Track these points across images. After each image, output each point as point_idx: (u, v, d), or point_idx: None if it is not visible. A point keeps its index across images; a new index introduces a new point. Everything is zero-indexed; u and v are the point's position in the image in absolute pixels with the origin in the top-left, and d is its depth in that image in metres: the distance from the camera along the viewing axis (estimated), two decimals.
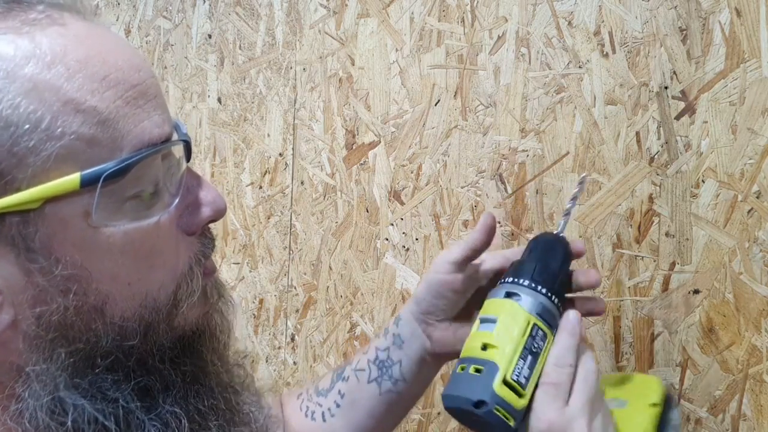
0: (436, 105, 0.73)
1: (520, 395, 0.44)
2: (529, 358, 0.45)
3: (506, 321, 0.46)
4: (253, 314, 0.92)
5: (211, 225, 0.41)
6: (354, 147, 0.80)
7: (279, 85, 0.86)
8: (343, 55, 0.80)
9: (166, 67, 0.96)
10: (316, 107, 0.83)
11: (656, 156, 0.61)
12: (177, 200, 0.37)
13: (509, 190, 0.69)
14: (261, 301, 0.91)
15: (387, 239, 0.78)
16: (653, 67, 0.61)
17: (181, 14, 0.94)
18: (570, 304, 0.51)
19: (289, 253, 0.87)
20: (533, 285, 0.48)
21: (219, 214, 0.39)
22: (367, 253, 0.80)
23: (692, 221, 0.60)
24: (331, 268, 0.84)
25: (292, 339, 0.88)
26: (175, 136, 0.38)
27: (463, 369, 0.46)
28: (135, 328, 0.36)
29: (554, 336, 0.47)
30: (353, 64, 0.79)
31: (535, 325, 0.46)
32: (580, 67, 0.65)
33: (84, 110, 0.33)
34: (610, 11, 0.63)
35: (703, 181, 0.59)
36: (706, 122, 0.59)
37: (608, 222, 0.64)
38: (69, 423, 0.34)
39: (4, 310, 0.34)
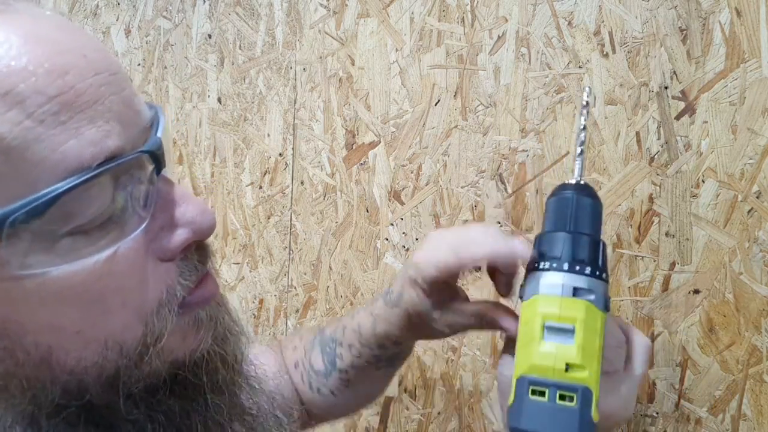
0: (436, 105, 0.73)
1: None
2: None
3: (586, 331, 0.38)
4: (253, 314, 0.92)
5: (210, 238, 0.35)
6: (354, 147, 0.80)
7: (279, 85, 0.86)
8: (343, 55, 0.80)
9: (165, 67, 0.96)
10: (316, 107, 0.83)
11: (656, 156, 0.61)
12: (146, 224, 0.31)
13: (509, 190, 0.69)
14: (261, 301, 0.91)
15: (387, 239, 0.78)
16: (653, 67, 0.61)
17: (181, 14, 0.94)
18: None
19: (289, 253, 0.87)
20: (597, 272, 0.40)
21: (200, 234, 0.32)
22: (367, 253, 0.80)
23: (692, 221, 0.60)
24: (331, 268, 0.83)
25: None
26: (140, 146, 0.31)
27: (541, 395, 0.37)
28: (94, 379, 0.31)
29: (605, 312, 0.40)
30: (353, 64, 0.79)
31: (604, 322, 0.39)
32: (580, 67, 0.64)
33: (13, 132, 0.26)
34: (610, 11, 0.63)
35: (703, 181, 0.59)
36: (706, 122, 0.59)
37: (608, 222, 0.64)
38: None
39: None
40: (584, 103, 0.46)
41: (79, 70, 0.28)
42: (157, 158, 0.31)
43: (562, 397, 0.37)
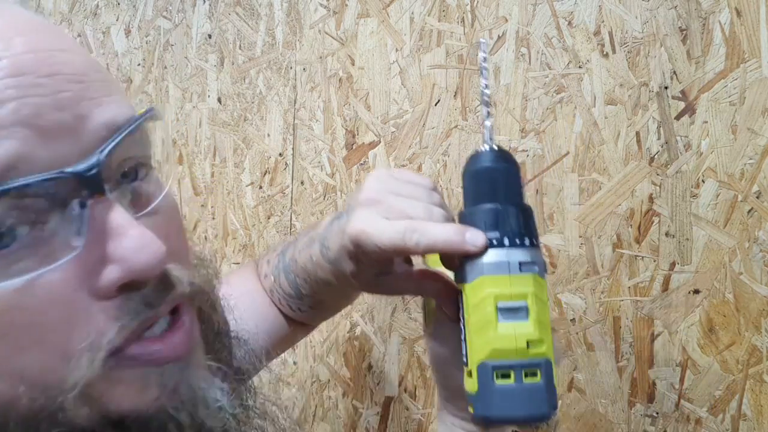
0: (436, 105, 0.73)
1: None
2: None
3: (538, 304, 0.37)
4: None
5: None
6: (354, 147, 0.80)
7: (279, 85, 0.86)
8: (343, 55, 0.80)
9: (165, 67, 0.96)
10: (316, 107, 0.83)
11: (656, 156, 0.61)
12: (75, 254, 0.27)
13: None
14: None
15: None
16: (653, 67, 0.61)
17: (181, 14, 0.94)
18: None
19: None
20: (534, 241, 0.39)
21: (133, 274, 0.27)
22: None
23: (692, 221, 0.60)
24: None
25: None
26: (74, 159, 0.27)
27: (507, 377, 0.37)
28: (13, 416, 0.27)
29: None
30: (353, 64, 0.79)
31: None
32: (580, 67, 0.64)
33: None
34: (610, 11, 0.63)
35: (703, 181, 0.59)
36: (706, 122, 0.59)
37: (608, 222, 0.64)
38: None
39: None
40: (482, 58, 0.44)
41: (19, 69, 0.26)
42: (92, 181, 0.27)
43: (527, 375, 0.37)
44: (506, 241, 0.38)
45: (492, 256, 0.38)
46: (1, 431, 0.27)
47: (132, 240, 0.27)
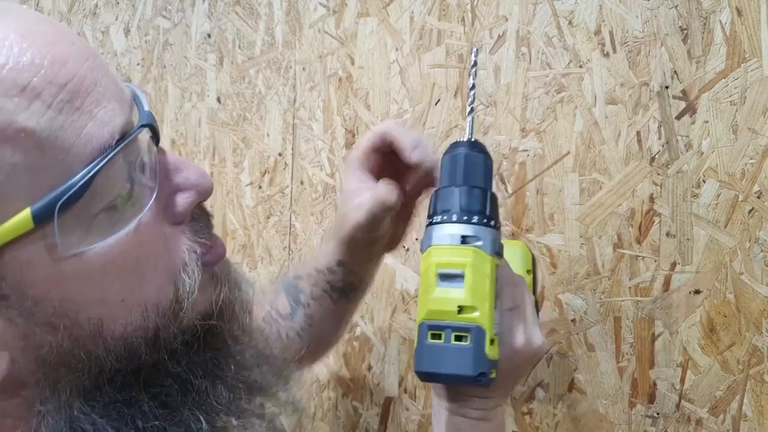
0: (436, 104, 0.73)
1: (496, 344, 0.42)
2: (496, 302, 0.42)
3: (476, 274, 0.41)
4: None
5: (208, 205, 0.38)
6: (354, 147, 0.80)
7: (278, 85, 0.86)
8: (343, 54, 0.80)
9: (165, 67, 0.96)
10: (316, 107, 0.83)
11: (657, 156, 0.61)
12: (155, 193, 0.33)
13: (509, 190, 0.69)
14: None
15: None
16: (654, 67, 0.61)
17: (180, 13, 0.94)
18: None
19: (289, 253, 0.87)
20: (485, 220, 0.42)
21: (204, 194, 0.35)
22: None
23: (693, 221, 0.60)
24: None
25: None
26: (134, 121, 0.33)
27: (438, 337, 0.41)
28: (141, 341, 0.34)
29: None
30: (353, 64, 0.79)
31: (496, 266, 0.43)
32: (580, 66, 0.64)
33: (10, 136, 0.27)
34: (611, 10, 0.62)
35: (703, 181, 0.59)
36: (707, 122, 0.59)
37: (609, 222, 0.64)
38: None
39: None
40: (473, 62, 0.48)
41: (75, 57, 0.30)
42: (155, 130, 0.33)
43: (458, 338, 0.40)
44: (454, 217, 0.42)
45: (441, 229, 0.43)
46: (131, 360, 0.33)
47: (195, 169, 0.35)
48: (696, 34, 0.59)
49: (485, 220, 0.42)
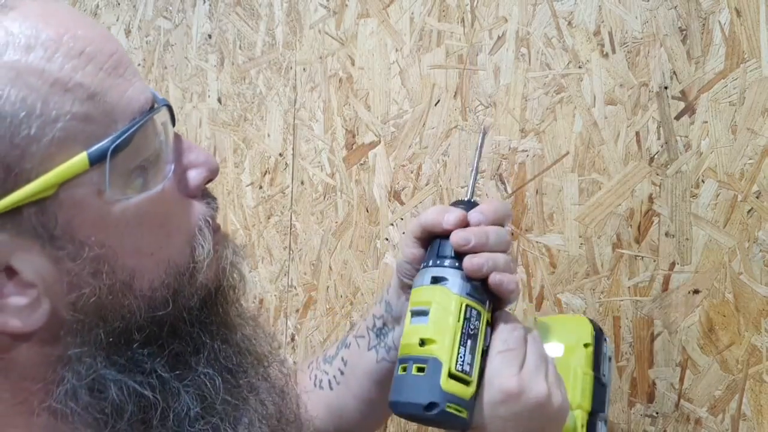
0: (436, 105, 0.73)
1: (467, 383, 0.43)
2: (469, 342, 0.44)
3: (439, 310, 0.44)
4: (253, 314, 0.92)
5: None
6: (354, 147, 0.80)
7: (279, 85, 0.86)
8: (343, 55, 0.80)
9: (166, 67, 0.96)
10: (316, 107, 0.83)
11: (656, 156, 0.61)
12: (173, 165, 0.37)
13: (509, 190, 0.70)
14: (261, 301, 0.91)
15: (387, 239, 0.78)
16: (653, 67, 0.61)
17: (181, 14, 0.94)
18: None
19: (289, 253, 0.87)
20: (457, 264, 0.45)
21: (214, 173, 0.40)
22: (367, 253, 0.80)
23: (692, 221, 0.60)
24: (331, 268, 0.84)
25: (292, 339, 0.88)
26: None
27: (404, 369, 0.43)
28: (164, 296, 0.37)
29: (487, 309, 0.46)
30: (353, 64, 0.79)
31: (467, 306, 0.44)
32: (579, 67, 0.65)
33: (71, 88, 0.32)
34: (610, 11, 0.63)
35: (702, 181, 0.59)
36: (706, 122, 0.59)
37: (608, 222, 0.64)
38: (110, 398, 0.35)
39: (42, 303, 0.34)
40: (480, 139, 0.53)
41: (112, 38, 0.36)
42: (172, 111, 0.38)
43: (419, 369, 0.43)
44: (430, 262, 0.47)
45: (421, 273, 0.47)
46: (154, 316, 0.36)
47: (204, 151, 0.40)
48: (695, 34, 0.59)
49: (457, 264, 0.45)
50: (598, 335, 0.53)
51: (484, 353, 0.45)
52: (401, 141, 0.76)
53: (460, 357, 0.43)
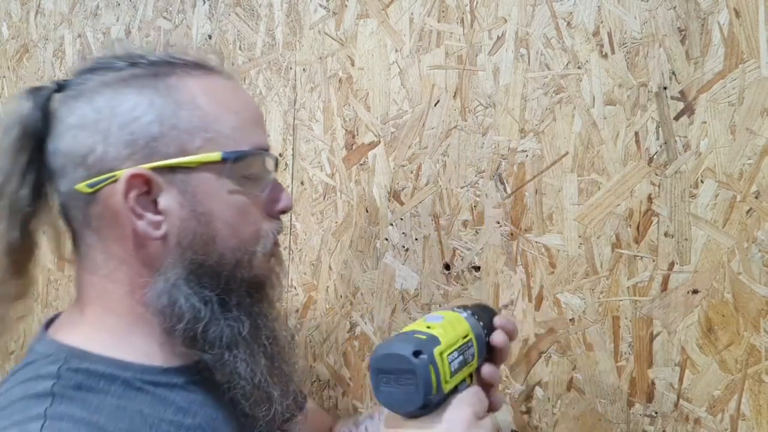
0: (435, 105, 0.73)
1: (447, 377, 0.47)
2: (460, 358, 0.49)
3: (451, 322, 0.52)
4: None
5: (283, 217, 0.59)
6: (354, 147, 0.80)
7: (279, 86, 0.86)
8: (343, 55, 0.80)
9: None
10: (316, 108, 0.83)
11: (655, 156, 0.62)
12: (267, 191, 0.56)
13: (508, 191, 0.70)
14: None
15: (387, 239, 0.78)
16: (652, 68, 0.61)
17: (181, 15, 0.94)
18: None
19: (289, 253, 0.87)
20: (475, 316, 0.55)
21: (288, 209, 0.58)
22: (366, 253, 0.80)
23: (691, 221, 0.60)
24: (331, 268, 0.84)
25: (292, 338, 0.88)
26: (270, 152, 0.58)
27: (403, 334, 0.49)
28: (229, 261, 0.53)
29: (478, 363, 0.53)
30: (353, 65, 0.79)
31: (470, 340, 0.52)
32: (579, 67, 0.65)
33: (228, 124, 0.54)
34: (609, 12, 0.63)
35: (702, 181, 0.60)
36: (705, 122, 0.59)
37: (607, 222, 0.64)
38: (178, 303, 0.51)
39: (163, 226, 0.52)
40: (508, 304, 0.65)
41: (257, 106, 0.59)
42: (277, 162, 0.60)
43: (418, 334, 0.49)
44: (455, 308, 0.56)
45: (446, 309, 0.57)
46: (221, 269, 0.53)
47: (288, 194, 0.58)
48: (694, 35, 0.59)
49: (475, 316, 0.55)
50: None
51: (461, 383, 0.50)
52: (401, 141, 0.76)
53: (452, 356, 0.48)
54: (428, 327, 0.49)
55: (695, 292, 0.60)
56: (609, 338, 0.65)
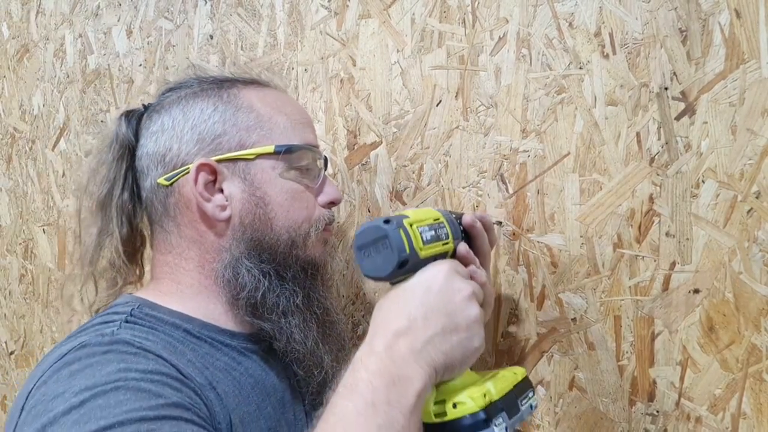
0: (437, 105, 0.74)
1: (420, 243, 0.51)
2: (432, 232, 0.54)
3: (422, 210, 0.56)
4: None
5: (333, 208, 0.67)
6: (356, 147, 0.80)
7: (280, 86, 0.86)
8: (345, 55, 0.80)
9: (167, 68, 0.96)
10: (318, 108, 0.83)
11: (656, 156, 0.62)
12: (318, 182, 0.64)
13: (510, 191, 0.70)
14: None
15: None
16: (653, 68, 0.61)
17: (182, 15, 0.94)
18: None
19: None
20: (448, 212, 0.59)
21: (337, 201, 0.66)
22: None
23: (692, 221, 0.61)
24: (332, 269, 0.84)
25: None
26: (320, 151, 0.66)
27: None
28: (284, 241, 0.61)
29: (454, 245, 0.56)
30: (354, 65, 0.79)
31: (441, 222, 0.56)
32: (580, 67, 0.65)
33: (280, 123, 0.63)
34: (611, 12, 0.63)
35: (703, 182, 0.60)
36: (706, 123, 0.59)
37: (609, 222, 0.64)
38: (241, 275, 0.59)
39: (227, 210, 0.60)
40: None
41: (307, 113, 0.68)
42: (326, 161, 0.69)
43: (387, 221, 0.51)
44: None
45: None
46: (278, 248, 0.61)
47: (338, 188, 0.68)
48: (695, 35, 0.59)
49: (441, 209, 0.59)
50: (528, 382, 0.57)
51: (439, 256, 0.54)
52: (403, 141, 0.76)
53: (423, 228, 0.53)
54: (400, 214, 0.54)
55: (696, 291, 0.61)
56: (611, 337, 0.65)
